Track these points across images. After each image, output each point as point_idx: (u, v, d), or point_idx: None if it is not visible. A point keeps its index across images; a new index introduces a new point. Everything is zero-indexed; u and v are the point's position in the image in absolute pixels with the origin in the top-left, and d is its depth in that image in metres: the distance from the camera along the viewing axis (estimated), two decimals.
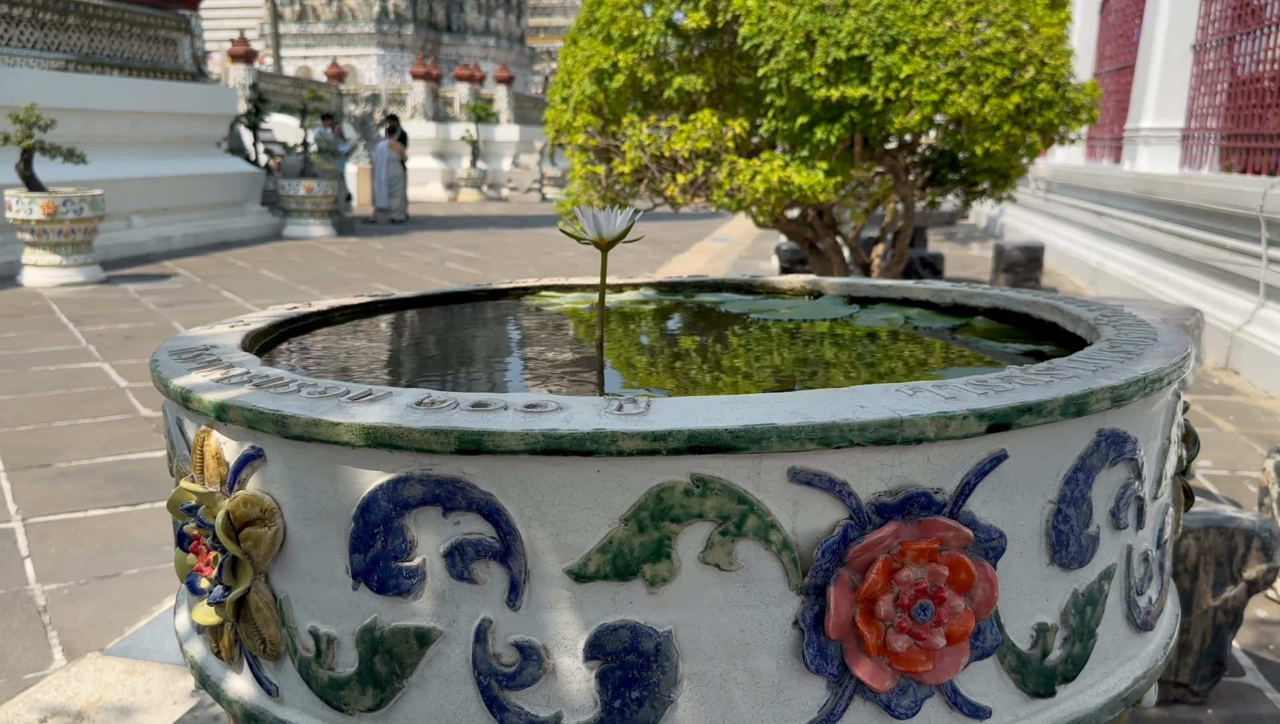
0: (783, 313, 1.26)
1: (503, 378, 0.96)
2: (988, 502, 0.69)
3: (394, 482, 0.68)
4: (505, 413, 0.67)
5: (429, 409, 0.68)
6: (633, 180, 3.71)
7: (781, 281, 1.43)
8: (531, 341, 1.15)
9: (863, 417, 0.65)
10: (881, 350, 1.05)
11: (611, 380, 0.94)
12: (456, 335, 1.19)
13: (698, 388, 0.89)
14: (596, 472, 0.65)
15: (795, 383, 0.88)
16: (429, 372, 0.99)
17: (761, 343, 1.11)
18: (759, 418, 0.65)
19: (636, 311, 1.34)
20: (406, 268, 6.88)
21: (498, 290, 1.42)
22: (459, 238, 9.27)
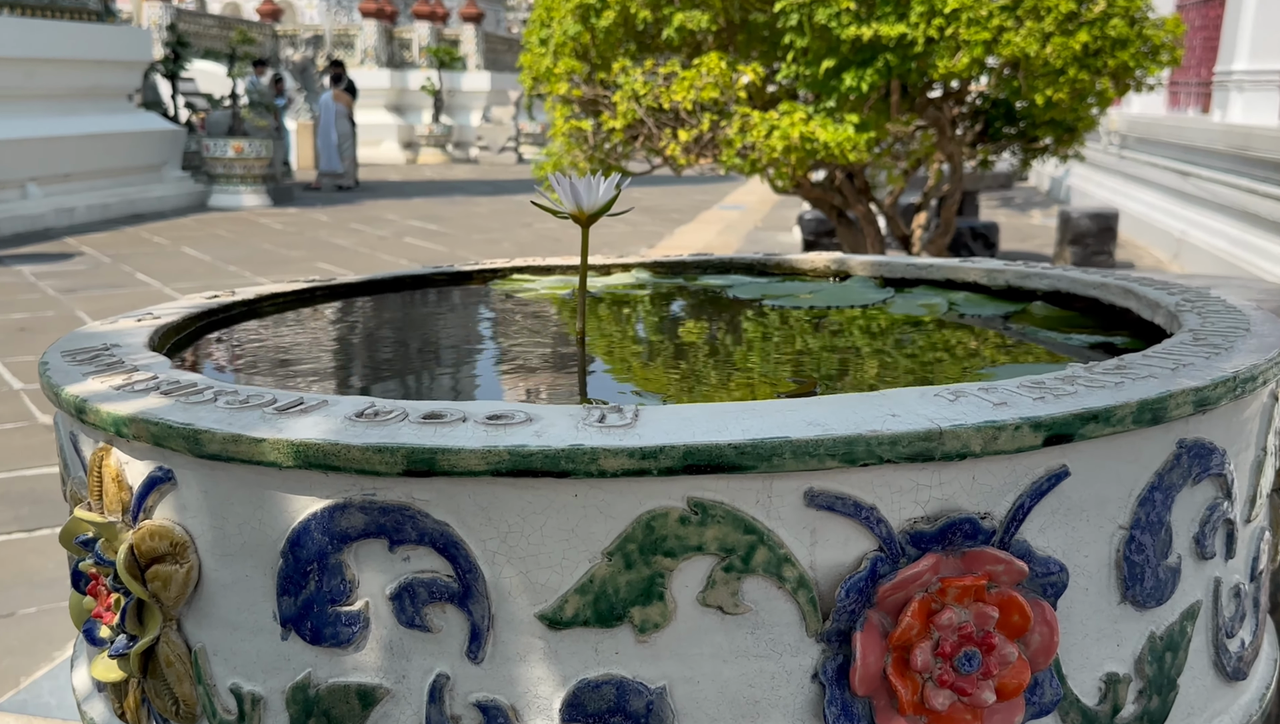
0: (803, 299, 1.26)
1: (463, 381, 0.96)
2: (1045, 528, 0.69)
3: (330, 510, 0.67)
4: (464, 426, 0.66)
5: (372, 422, 0.67)
6: (626, 138, 3.70)
7: (802, 260, 1.42)
8: (500, 336, 1.14)
9: (894, 427, 0.64)
10: (920, 345, 1.04)
11: (594, 384, 0.93)
12: (411, 329, 1.19)
13: (698, 393, 0.88)
14: (574, 496, 0.64)
15: (815, 386, 0.88)
16: (376, 375, 0.98)
17: (776, 336, 1.10)
18: (770, 430, 0.64)
19: (627, 298, 1.33)
20: (356, 244, 6.87)
21: (462, 273, 1.41)
22: (419, 208, 9.27)
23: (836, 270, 1.40)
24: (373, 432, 0.66)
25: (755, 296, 1.28)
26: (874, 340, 1.07)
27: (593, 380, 0.95)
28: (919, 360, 0.98)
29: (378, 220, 8.25)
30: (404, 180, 12.69)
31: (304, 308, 1.25)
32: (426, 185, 11.88)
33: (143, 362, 0.85)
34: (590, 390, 0.91)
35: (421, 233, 7.47)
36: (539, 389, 0.91)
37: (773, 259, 1.45)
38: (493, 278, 1.42)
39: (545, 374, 0.95)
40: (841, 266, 1.39)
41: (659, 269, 1.46)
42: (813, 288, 1.33)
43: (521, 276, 1.42)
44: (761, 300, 1.26)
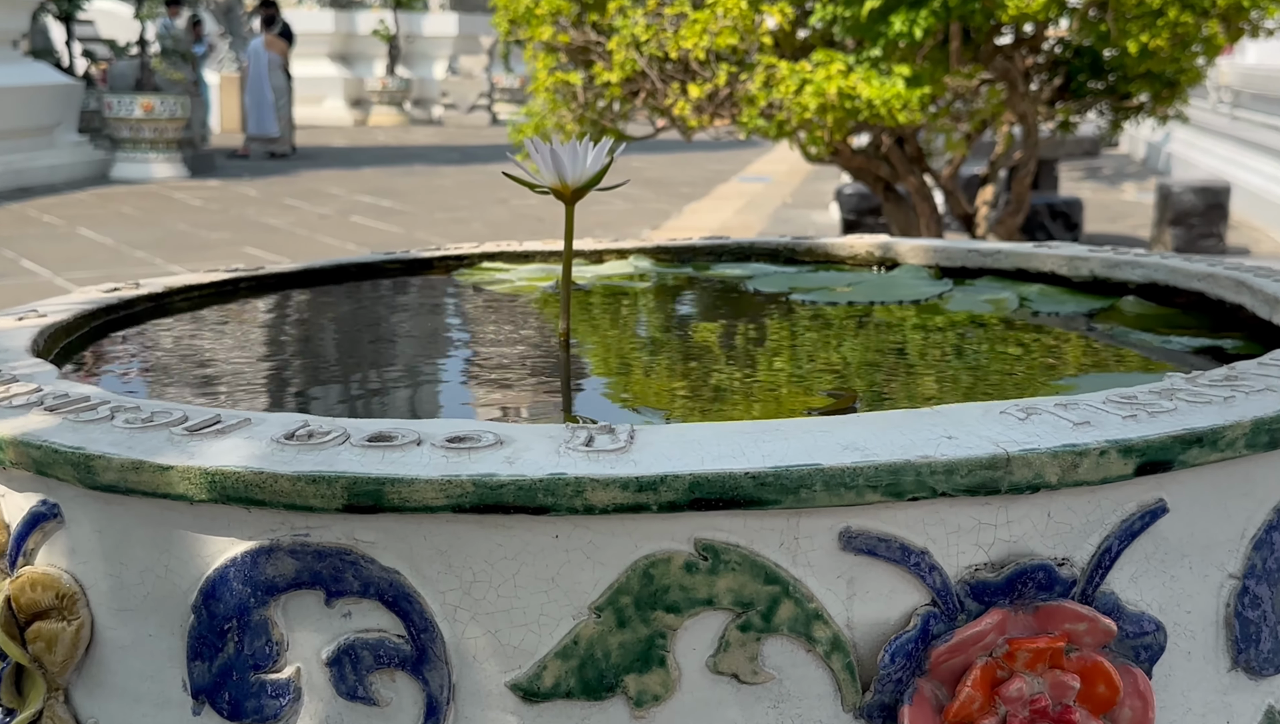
0: (840, 293, 1.26)
1: (420, 395, 0.96)
2: (1138, 578, 0.69)
3: (254, 554, 0.67)
4: (418, 450, 0.66)
5: (305, 445, 0.67)
6: (624, 95, 3.71)
7: (839, 246, 1.42)
8: (466, 338, 1.14)
9: (951, 453, 0.64)
10: (984, 350, 1.04)
11: (581, 398, 0.93)
12: (357, 329, 1.19)
13: (708, 409, 0.88)
14: (554, 537, 0.64)
15: (854, 401, 0.88)
16: (313, 386, 0.98)
17: (807, 339, 1.10)
18: (797, 455, 0.64)
19: (624, 291, 1.33)
20: (292, 225, 6.89)
21: (421, 260, 1.41)
22: (370, 180, 9.29)
23: (882, 258, 1.40)
24: (306, 457, 0.66)
25: (782, 290, 1.29)
26: (927, 344, 1.07)
27: (579, 393, 0.95)
28: (982, 369, 0.98)
29: (319, 195, 8.27)
30: (351, 146, 12.71)
31: (226, 303, 1.25)
32: (379, 152, 11.89)
33: (24, 370, 0.85)
34: (576, 406, 0.91)
35: (372, 211, 7.48)
36: (512, 404, 0.90)
37: (803, 243, 1.45)
38: (458, 266, 1.42)
39: (521, 386, 0.95)
40: (888, 253, 1.39)
41: (663, 256, 1.46)
42: (852, 279, 1.33)
43: (494, 265, 1.42)
44: (789, 294, 1.26)
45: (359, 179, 9.35)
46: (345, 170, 10.04)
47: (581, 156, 1.00)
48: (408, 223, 6.93)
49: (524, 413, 0.89)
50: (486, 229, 6.72)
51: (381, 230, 6.66)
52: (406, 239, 6.30)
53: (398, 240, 6.22)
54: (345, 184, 8.95)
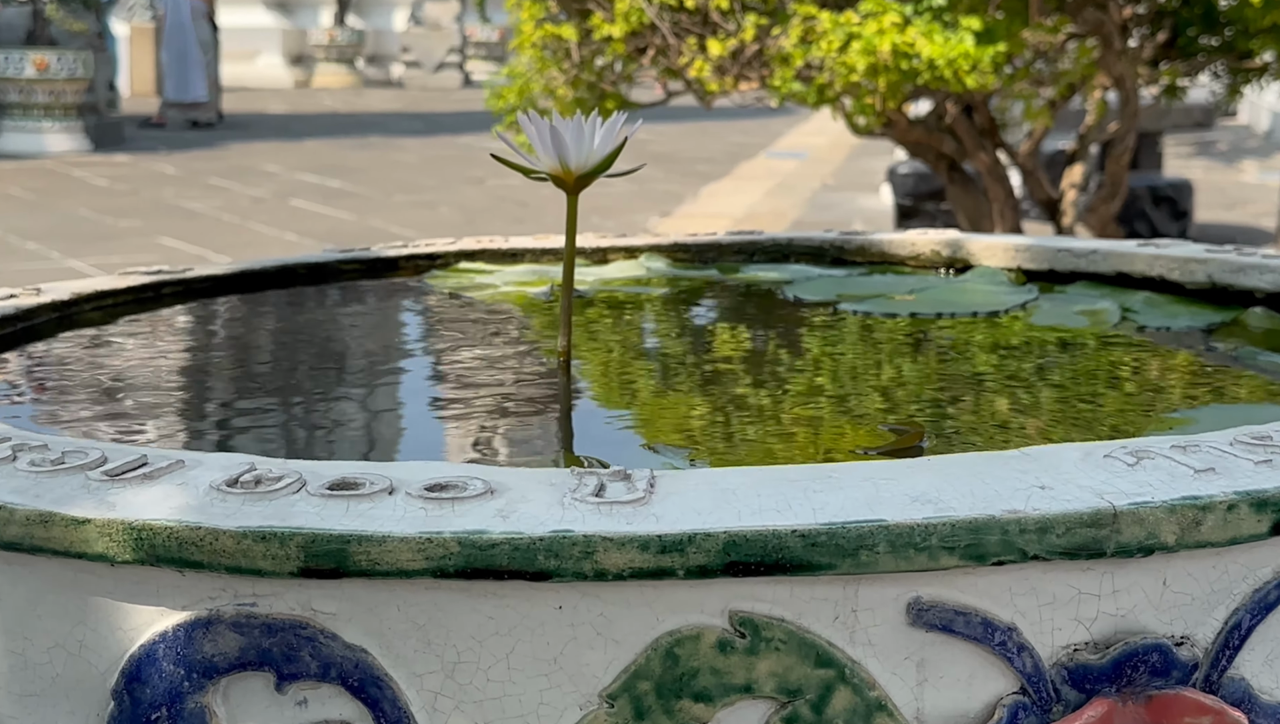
0: (900, 302, 1.26)
1: (388, 430, 0.96)
2: (1274, 660, 0.69)
3: (188, 628, 0.67)
4: (390, 500, 0.67)
5: (252, 493, 0.68)
6: (628, 51, 3.72)
7: (897, 242, 1.43)
8: (442, 358, 1.15)
9: (1044, 506, 0.64)
10: (1078, 374, 1.05)
11: (586, 433, 0.94)
12: (306, 347, 1.19)
13: (742, 448, 0.89)
14: (558, 609, 0.65)
15: (922, 438, 0.88)
16: (258, 419, 0.98)
17: (860, 360, 1.11)
18: (855, 509, 0.64)
19: (633, 300, 1.34)
20: (219, 210, 6.91)
21: (383, 259, 1.42)
22: (314, 154, 9.31)
23: (950, 258, 1.40)
24: (253, 509, 0.66)
25: (827, 298, 1.29)
26: (1008, 367, 1.07)
27: (583, 427, 0.95)
28: (1078, 400, 0.99)
29: (251, 173, 8.29)
30: (291, 113, 12.74)
31: (147, 313, 1.25)
32: (326, 120, 11.92)
33: None
34: (581, 444, 0.91)
35: (318, 193, 7.50)
36: (504, 442, 0.91)
37: (853, 239, 1.45)
38: (430, 267, 1.43)
39: (513, 419, 0.95)
40: (958, 252, 1.40)
41: (680, 254, 1.47)
42: (915, 285, 1.33)
43: (474, 266, 1.43)
44: (837, 304, 1.27)
45: (300, 153, 9.37)
46: (284, 142, 10.06)
47: (588, 135, 1.00)
48: (360, 208, 6.94)
49: (518, 453, 0.89)
50: (458, 215, 6.74)
51: (328, 217, 6.68)
52: (359, 228, 6.32)
53: (348, 229, 6.24)
54: (284, 159, 8.97)
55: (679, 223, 6.23)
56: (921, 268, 1.41)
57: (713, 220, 6.22)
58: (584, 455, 0.88)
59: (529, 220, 6.53)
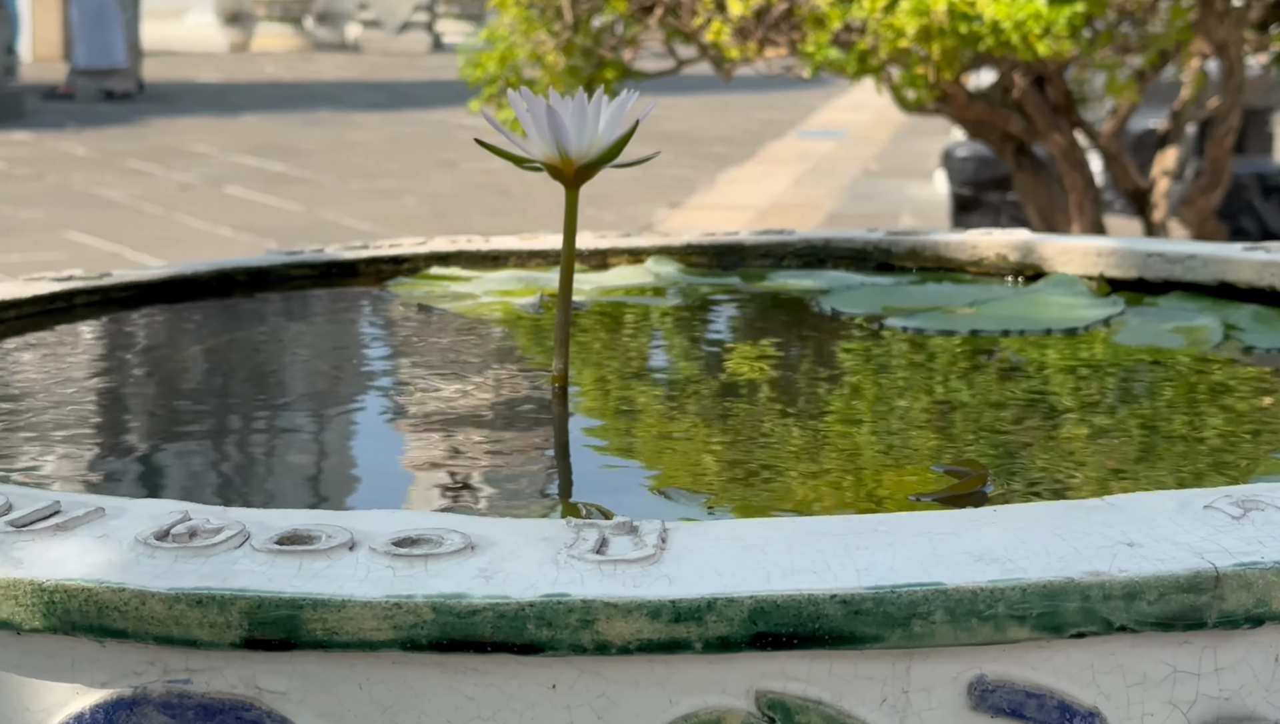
0: (959, 317, 1.27)
1: (348, 472, 0.96)
2: None
3: (109, 708, 0.67)
4: (351, 557, 0.67)
5: (186, 548, 0.68)
6: (631, 11, 3.72)
7: (956, 245, 1.43)
8: (411, 382, 1.15)
9: (1133, 567, 0.65)
10: (1174, 404, 1.05)
11: (584, 473, 0.94)
12: (246, 370, 1.20)
13: (769, 491, 0.89)
14: (551, 688, 0.65)
15: (985, 481, 0.88)
16: (191, 457, 0.99)
17: (911, 386, 1.11)
18: (907, 569, 0.65)
19: (640, 314, 1.34)
20: (139, 198, 6.91)
21: (340, 264, 1.43)
22: (253, 132, 9.31)
23: (1020, 263, 1.40)
24: (187, 567, 0.67)
25: (871, 311, 1.29)
26: (1088, 396, 1.07)
27: (582, 468, 0.95)
28: (1171, 436, 0.99)
29: (178, 155, 8.30)
30: (227, 82, 12.75)
31: (57, 327, 1.26)
32: (268, 91, 11.93)
33: None
34: (578, 489, 0.92)
35: (257, 178, 7.50)
36: (486, 486, 0.91)
37: (901, 240, 1.46)
38: (395, 273, 1.43)
39: (496, 457, 0.96)
40: (1029, 257, 1.40)
41: (695, 257, 1.47)
42: (976, 295, 1.34)
43: (447, 271, 1.43)
44: (882, 318, 1.27)
45: (237, 131, 9.38)
46: (217, 118, 10.07)
47: (592, 116, 1.01)
48: (309, 197, 6.95)
49: (504, 501, 0.90)
50: (426, 207, 6.74)
51: (270, 208, 6.69)
52: (308, 222, 6.33)
53: (295, 223, 6.25)
54: (217, 138, 8.99)
55: (691, 216, 6.24)
56: (984, 275, 1.41)
57: (732, 214, 6.22)
58: (582, 503, 0.88)
59: (510, 211, 6.53)
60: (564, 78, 3.59)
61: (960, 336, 1.22)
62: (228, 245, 5.68)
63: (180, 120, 9.87)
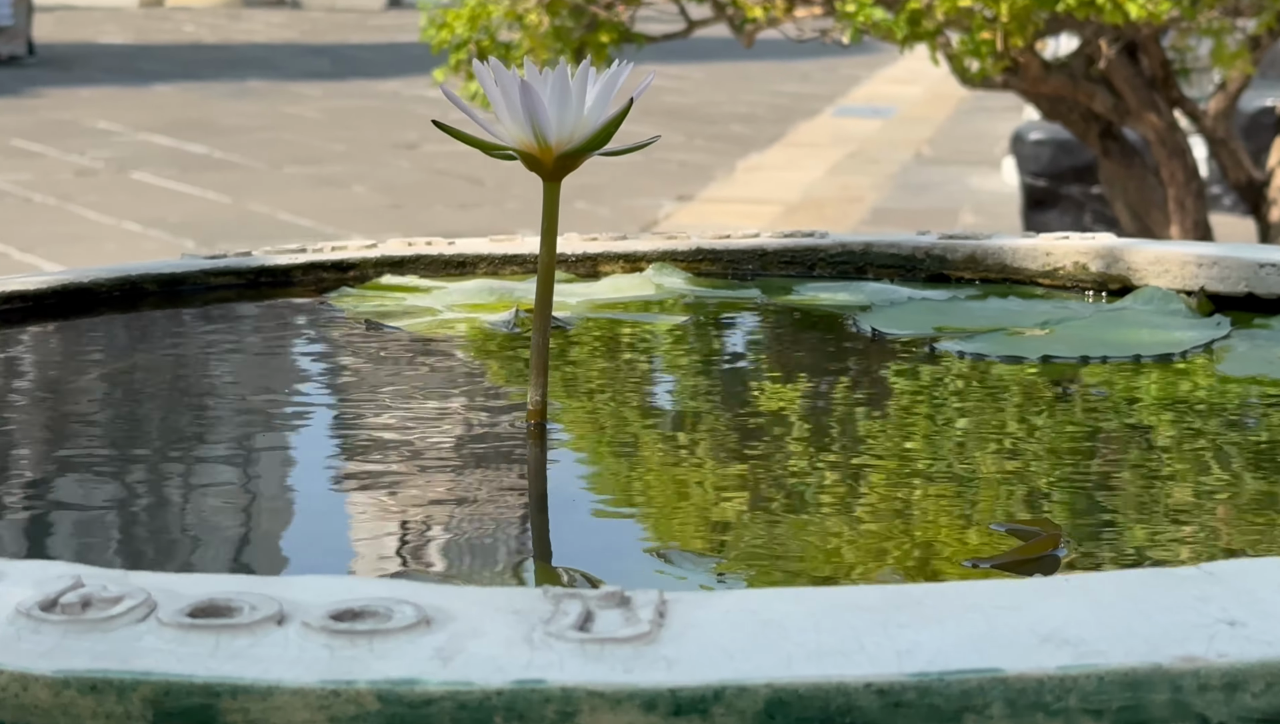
0: (1030, 339, 1.27)
1: (274, 527, 0.96)
2: None
3: None
4: (280, 633, 0.67)
5: (77, 620, 0.68)
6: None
7: (1024, 250, 1.43)
8: (352, 419, 1.15)
9: (1234, 651, 0.64)
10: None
11: (565, 529, 0.94)
12: (153, 399, 1.20)
13: (792, 558, 0.89)
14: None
15: (1058, 544, 0.88)
16: (79, 506, 0.99)
17: (966, 424, 1.11)
18: (957, 653, 0.65)
19: (637, 334, 1.34)
20: (26, 187, 6.92)
21: (271, 270, 1.43)
22: (168, 105, 9.32)
23: (1104, 275, 1.40)
24: (79, 644, 0.67)
25: (921, 332, 1.30)
26: (1184, 437, 1.07)
27: (562, 523, 0.95)
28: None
29: (75, 132, 8.31)
30: (136, 44, 12.77)
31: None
32: (186, 55, 11.95)
33: None
34: (557, 548, 0.92)
35: (173, 161, 7.51)
36: (444, 546, 0.91)
37: (959, 245, 1.46)
38: (339, 281, 1.44)
39: (458, 508, 0.96)
40: (1114, 265, 1.40)
41: (706, 265, 1.48)
42: (1050, 313, 1.34)
43: (402, 280, 1.44)
44: (935, 341, 1.27)
45: (148, 104, 9.40)
46: (123, 88, 10.08)
47: (576, 93, 1.01)
48: (236, 185, 6.96)
49: (466, 563, 0.90)
50: (378, 198, 6.75)
51: (188, 198, 6.70)
52: (233, 215, 6.34)
53: (217, 217, 6.26)
54: (124, 113, 9.00)
55: (703, 212, 6.24)
56: (1061, 288, 1.41)
57: (753, 209, 6.23)
58: (563, 567, 0.88)
59: (485, 203, 6.55)
60: (548, 42, 3.59)
61: (1030, 364, 1.22)
62: (135, 244, 5.68)
63: (78, 91, 9.88)
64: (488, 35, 3.66)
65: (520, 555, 0.91)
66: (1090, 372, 1.21)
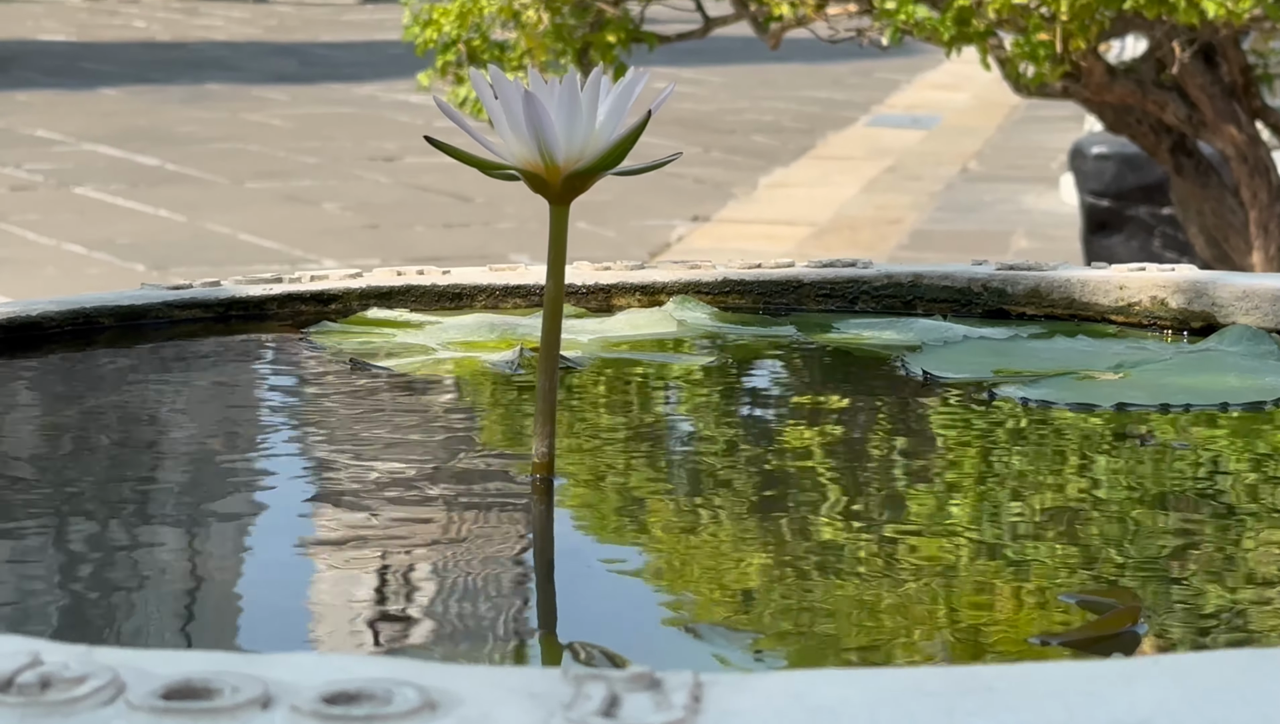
0: (1101, 384, 1.27)
1: (254, 595, 0.97)
2: None
3: None
4: (263, 720, 0.67)
5: (35, 704, 0.68)
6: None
7: (1093, 282, 1.43)
8: (337, 473, 1.15)
9: None
10: None
11: (581, 601, 0.94)
12: (112, 449, 1.20)
13: (840, 633, 0.89)
14: None
15: (1137, 620, 0.88)
16: (32, 572, 0.99)
17: (1031, 480, 1.11)
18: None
19: (656, 377, 1.34)
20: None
21: (242, 301, 1.43)
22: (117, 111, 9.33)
23: (1184, 312, 1.40)
24: None
25: (978, 376, 1.30)
26: (1278, 494, 1.07)
27: (577, 590, 0.96)
28: None
29: (9, 140, 8.31)
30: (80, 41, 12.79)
31: None
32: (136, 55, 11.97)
33: None
34: (572, 622, 0.92)
35: (122, 174, 7.52)
36: (445, 618, 0.91)
37: (1021, 277, 1.46)
38: (318, 315, 1.43)
39: (459, 576, 0.96)
40: (1196, 300, 1.40)
41: (733, 297, 1.48)
42: (1124, 355, 1.34)
43: (389, 314, 1.44)
44: (993, 386, 1.27)
45: (93, 110, 9.40)
46: (66, 91, 10.09)
47: (586, 106, 1.01)
48: (192, 202, 6.97)
49: (471, 639, 0.90)
50: (354, 218, 6.76)
51: (140, 217, 6.70)
52: (190, 236, 6.34)
53: (173, 238, 6.27)
54: (65, 120, 9.01)
55: (723, 235, 6.24)
56: (1136, 326, 1.41)
57: (779, 232, 6.23)
58: (581, 643, 0.88)
59: (474, 226, 6.55)
60: (548, 42, 3.58)
61: (1103, 412, 1.22)
62: (78, 268, 5.68)
63: (14, 95, 9.90)
64: (479, 34, 3.65)
65: (529, 627, 0.91)
66: (1170, 421, 1.21)
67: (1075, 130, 6.65)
